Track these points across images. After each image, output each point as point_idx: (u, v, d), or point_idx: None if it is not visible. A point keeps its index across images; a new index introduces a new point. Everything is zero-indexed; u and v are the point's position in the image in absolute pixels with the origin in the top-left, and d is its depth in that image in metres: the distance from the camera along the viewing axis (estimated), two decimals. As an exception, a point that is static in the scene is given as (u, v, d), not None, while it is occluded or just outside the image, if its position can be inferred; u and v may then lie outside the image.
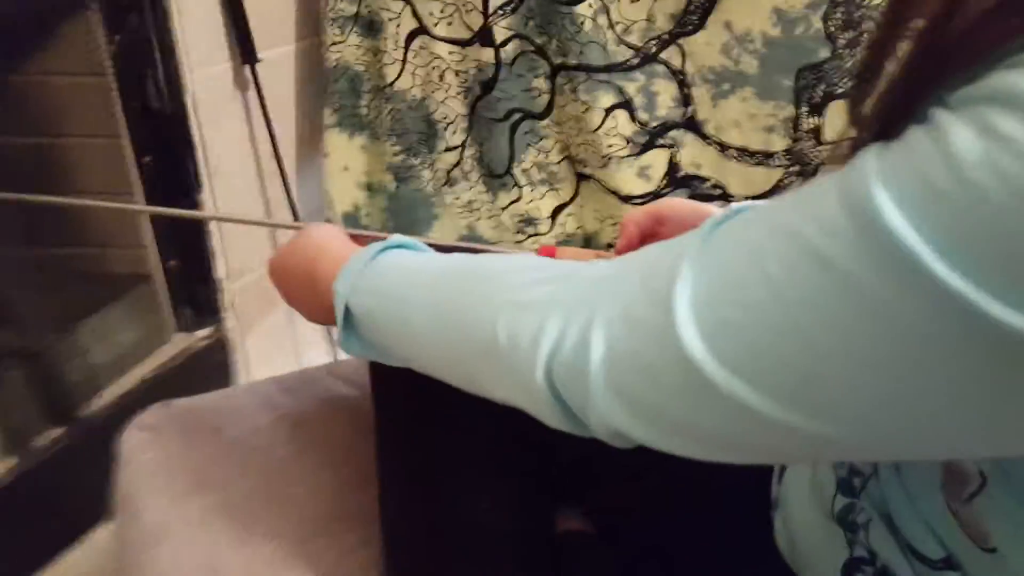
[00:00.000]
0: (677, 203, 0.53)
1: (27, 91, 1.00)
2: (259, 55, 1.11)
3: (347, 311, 0.41)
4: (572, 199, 1.15)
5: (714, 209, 0.51)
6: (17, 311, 0.96)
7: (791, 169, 0.96)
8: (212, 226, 1.15)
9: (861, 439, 0.25)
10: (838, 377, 0.24)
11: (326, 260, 0.45)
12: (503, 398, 0.34)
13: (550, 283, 0.33)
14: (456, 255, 0.40)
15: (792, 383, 0.25)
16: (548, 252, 0.52)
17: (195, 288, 1.20)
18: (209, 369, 1.22)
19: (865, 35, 0.89)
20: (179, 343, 1.20)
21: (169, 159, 1.09)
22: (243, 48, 1.09)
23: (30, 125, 1.01)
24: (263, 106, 1.14)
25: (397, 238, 0.44)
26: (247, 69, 1.12)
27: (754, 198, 1.01)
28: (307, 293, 0.48)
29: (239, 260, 1.20)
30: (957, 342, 0.22)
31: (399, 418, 0.48)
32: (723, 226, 0.30)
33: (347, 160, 1.25)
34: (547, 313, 0.32)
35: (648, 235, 0.51)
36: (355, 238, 0.51)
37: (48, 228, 1.06)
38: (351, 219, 1.28)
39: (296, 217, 1.23)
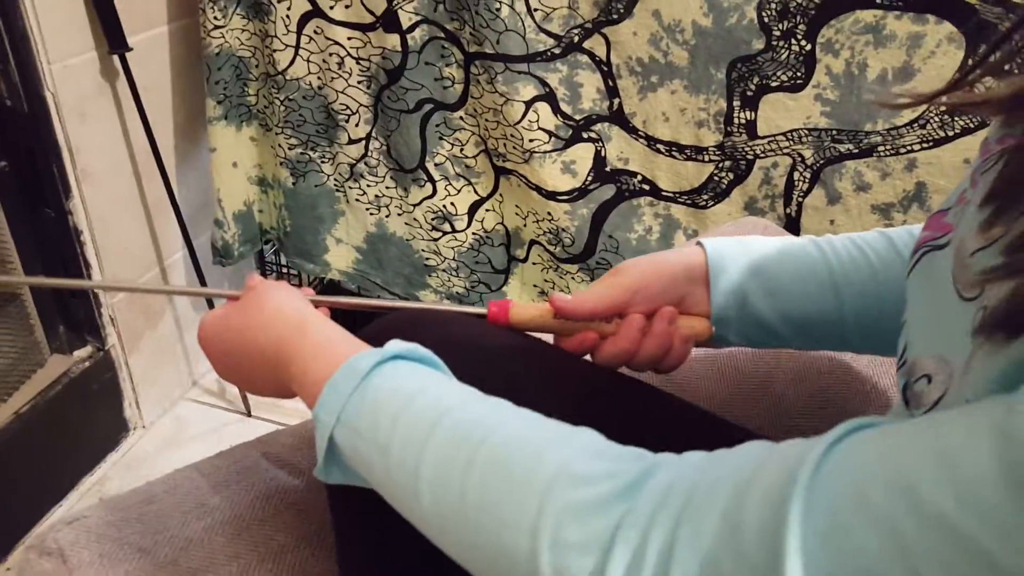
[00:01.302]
0: (646, 270, 0.47)
1: None
2: (128, 42, 0.97)
3: (331, 441, 0.34)
4: (491, 194, 1.10)
5: (675, 257, 0.47)
6: None
7: (723, 164, 0.95)
8: (85, 234, 1.02)
9: None
10: None
11: (296, 349, 0.38)
12: None
13: (606, 487, 0.27)
14: (463, 388, 0.35)
15: None
16: (503, 307, 0.47)
17: (70, 305, 1.07)
18: (93, 392, 1.09)
19: (800, 26, 0.87)
20: (57, 365, 1.07)
21: (28, 163, 0.95)
22: (109, 35, 0.96)
23: None
24: (136, 98, 1.01)
25: (394, 347, 0.37)
26: (115, 59, 0.98)
27: (684, 194, 0.99)
28: (263, 376, 0.41)
29: (117, 270, 1.08)
30: None
31: (361, 522, 0.41)
32: (835, 459, 0.24)
33: (236, 155, 1.14)
34: (611, 548, 0.25)
35: (624, 303, 0.46)
36: (316, 305, 0.44)
37: None
38: (243, 217, 1.18)
39: (180, 218, 1.11)
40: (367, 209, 1.15)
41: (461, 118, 1.05)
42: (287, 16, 1.02)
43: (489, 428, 0.31)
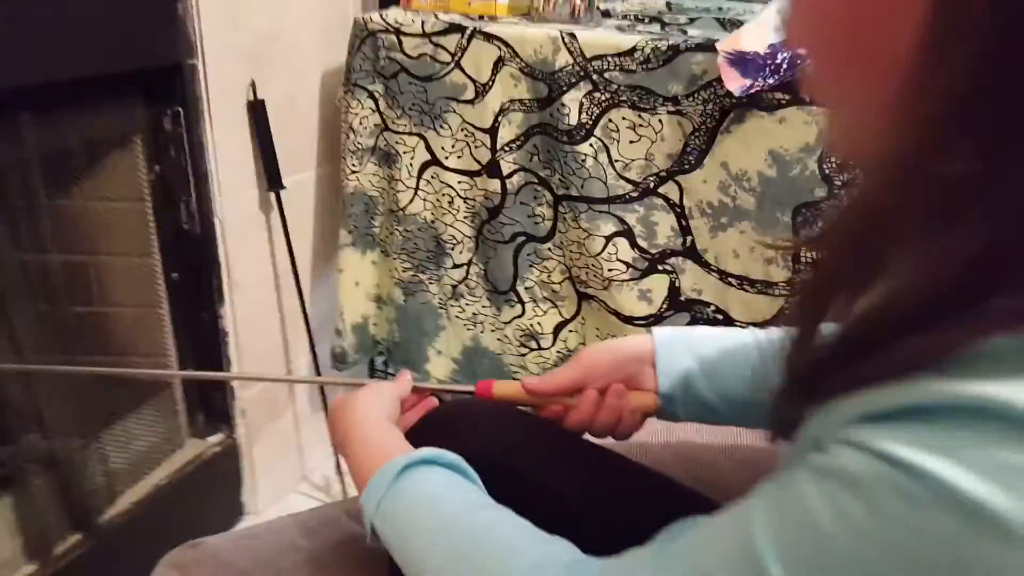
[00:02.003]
0: (598, 355, 0.57)
1: (73, 214, 1.08)
2: (283, 182, 1.20)
3: (373, 527, 0.46)
4: (574, 316, 1.23)
5: (630, 345, 0.57)
6: (44, 417, 1.01)
7: (793, 299, 1.04)
8: (231, 335, 1.21)
9: None
10: None
11: (359, 449, 0.50)
12: None
13: None
14: (468, 496, 0.45)
15: None
16: (487, 385, 0.58)
17: (210, 396, 1.25)
18: (219, 475, 1.26)
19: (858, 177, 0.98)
20: (192, 449, 1.24)
21: (195, 275, 1.16)
22: (269, 176, 1.19)
23: (72, 244, 1.09)
24: (285, 227, 1.23)
25: (424, 452, 0.47)
26: (272, 194, 1.21)
27: (758, 325, 1.09)
28: (358, 458, 0.52)
29: (252, 368, 1.26)
30: None
31: None
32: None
33: (359, 275, 1.33)
34: None
35: (583, 382, 0.56)
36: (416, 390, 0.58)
37: (77, 336, 1.12)
38: (360, 329, 1.35)
39: (308, 327, 1.30)
40: (465, 325, 1.31)
41: (549, 249, 1.21)
42: (410, 164, 1.23)
43: (483, 536, 0.42)
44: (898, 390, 0.24)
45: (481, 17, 1.20)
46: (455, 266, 1.27)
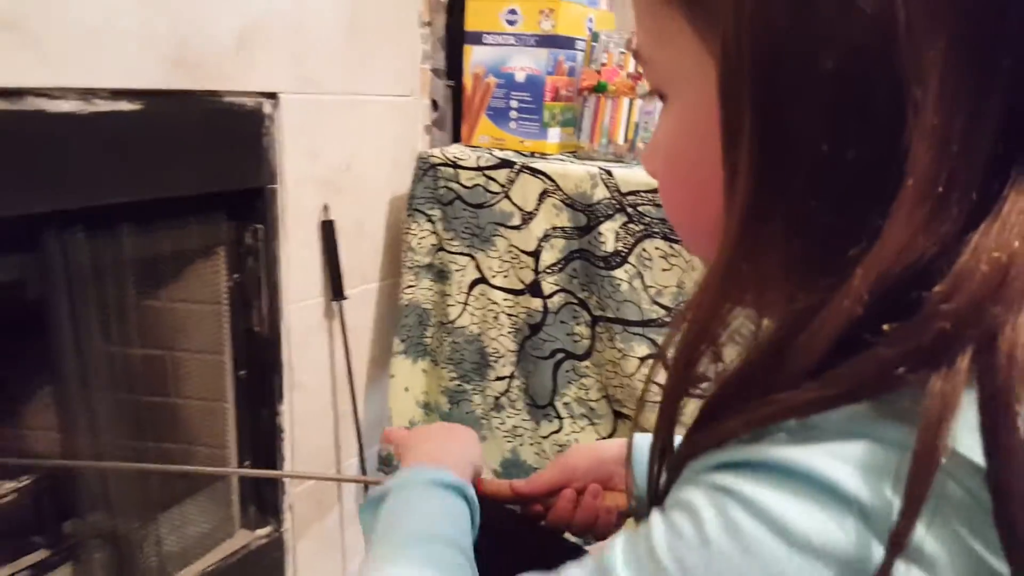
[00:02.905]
0: (578, 456, 0.62)
1: (159, 313, 1.22)
2: (346, 293, 1.32)
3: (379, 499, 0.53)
4: (610, 435, 1.27)
5: (611, 448, 0.62)
6: (111, 496, 1.10)
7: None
8: (286, 434, 1.31)
9: None
10: None
11: (411, 456, 0.58)
12: None
13: None
14: (445, 529, 0.50)
15: None
16: (478, 483, 0.62)
17: (263, 489, 1.33)
18: (264, 567, 1.32)
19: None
20: (241, 539, 1.31)
21: (260, 374, 1.28)
22: (334, 288, 1.31)
23: (154, 340, 1.22)
24: (344, 334, 1.34)
25: (441, 476, 0.53)
26: (334, 304, 1.33)
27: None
28: (417, 453, 0.59)
29: (304, 467, 1.35)
30: None
31: None
32: None
33: (409, 382, 1.42)
34: None
35: (564, 482, 0.61)
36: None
37: (149, 423, 1.23)
38: (408, 434, 1.43)
39: (359, 429, 1.38)
40: (505, 437, 1.36)
41: (587, 367, 1.27)
42: (461, 281, 1.34)
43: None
44: (726, 453, 0.31)
45: (532, 154, 1.33)
46: (498, 378, 1.34)
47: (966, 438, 0.27)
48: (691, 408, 0.36)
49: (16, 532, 1.08)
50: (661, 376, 0.37)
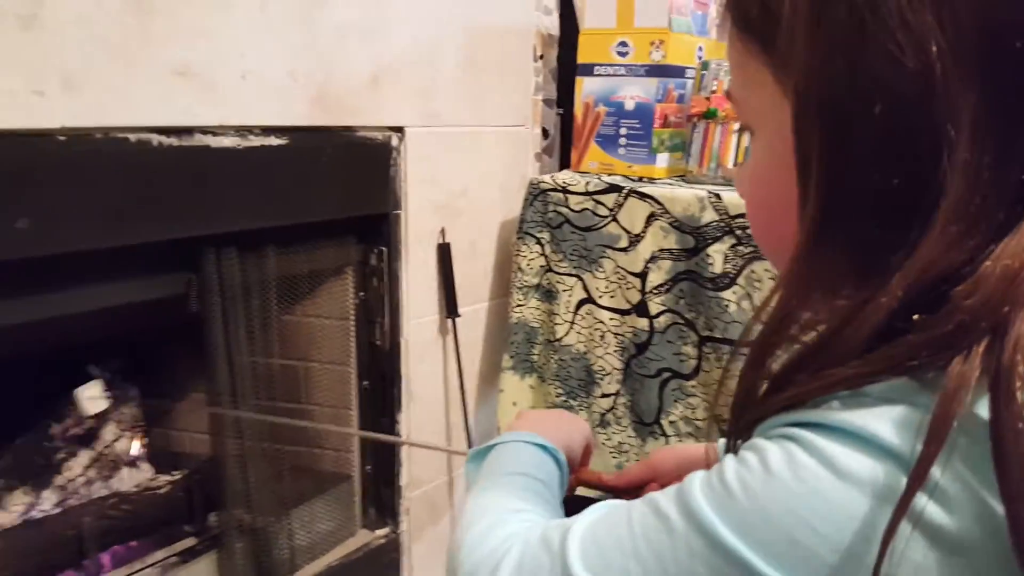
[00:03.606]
0: (664, 456, 0.68)
1: (295, 327, 1.34)
2: (459, 311, 1.41)
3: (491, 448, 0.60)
4: (709, 451, 1.30)
5: (696, 450, 0.67)
6: (249, 493, 1.22)
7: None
8: (403, 438, 1.40)
9: None
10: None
11: (540, 422, 0.65)
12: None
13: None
14: (534, 490, 0.55)
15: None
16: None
17: (382, 492, 1.43)
18: (382, 566, 1.41)
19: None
20: (361, 538, 1.41)
21: (381, 385, 1.37)
22: (448, 306, 1.40)
23: (291, 351, 1.34)
24: (457, 349, 1.42)
25: (540, 439, 0.60)
26: (449, 321, 1.42)
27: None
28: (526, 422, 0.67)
29: (419, 472, 1.43)
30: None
31: None
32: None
33: (516, 397, 1.49)
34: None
35: (649, 478, 0.67)
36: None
37: (284, 427, 1.35)
38: (516, 447, 1.49)
39: (470, 440, 1.46)
40: (611, 453, 1.41)
41: (693, 386, 1.30)
42: (568, 301, 1.40)
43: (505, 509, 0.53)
44: (791, 416, 0.38)
45: (641, 179, 1.38)
46: (603, 395, 1.39)
47: (981, 407, 0.34)
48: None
49: (169, 520, 1.20)
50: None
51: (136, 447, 1.30)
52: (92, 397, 1.21)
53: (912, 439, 0.34)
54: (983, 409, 0.34)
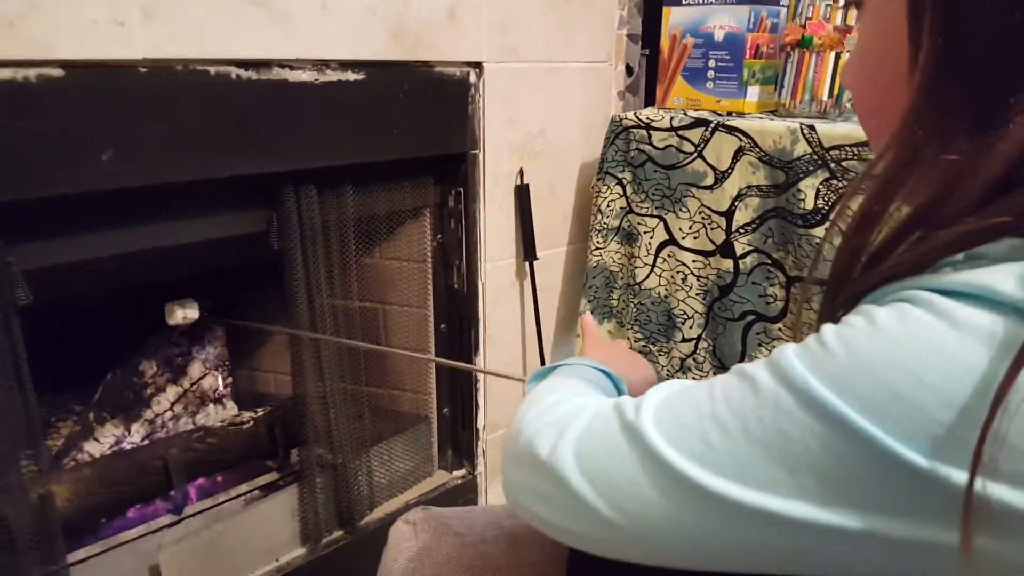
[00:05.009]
0: None
1: (373, 269, 1.34)
2: (538, 254, 1.38)
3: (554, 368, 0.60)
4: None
5: None
6: (330, 431, 1.23)
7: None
8: (480, 384, 1.39)
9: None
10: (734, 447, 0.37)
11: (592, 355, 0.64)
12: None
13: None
14: (592, 392, 0.55)
15: (700, 448, 0.38)
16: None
17: (459, 434, 1.43)
18: (458, 506, 1.42)
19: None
20: (439, 478, 1.42)
21: (458, 327, 1.37)
22: (526, 249, 1.37)
23: (369, 293, 1.34)
24: (534, 293, 1.40)
25: (607, 369, 0.59)
26: (527, 264, 1.39)
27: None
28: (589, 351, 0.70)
29: (496, 416, 1.43)
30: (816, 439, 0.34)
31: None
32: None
33: (596, 342, 1.46)
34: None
35: None
36: None
37: (362, 371, 1.36)
38: (593, 393, 1.47)
39: (548, 386, 1.45)
40: (691, 400, 1.37)
41: (779, 329, 1.24)
42: (649, 243, 1.35)
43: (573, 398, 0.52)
44: (901, 284, 0.36)
45: (729, 114, 1.31)
46: (684, 340, 1.35)
47: None
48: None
49: (253, 455, 1.23)
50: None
51: (221, 384, 1.33)
52: (184, 309, 1.24)
53: None
54: None
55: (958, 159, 0.36)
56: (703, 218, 1.28)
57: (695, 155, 1.27)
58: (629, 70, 1.55)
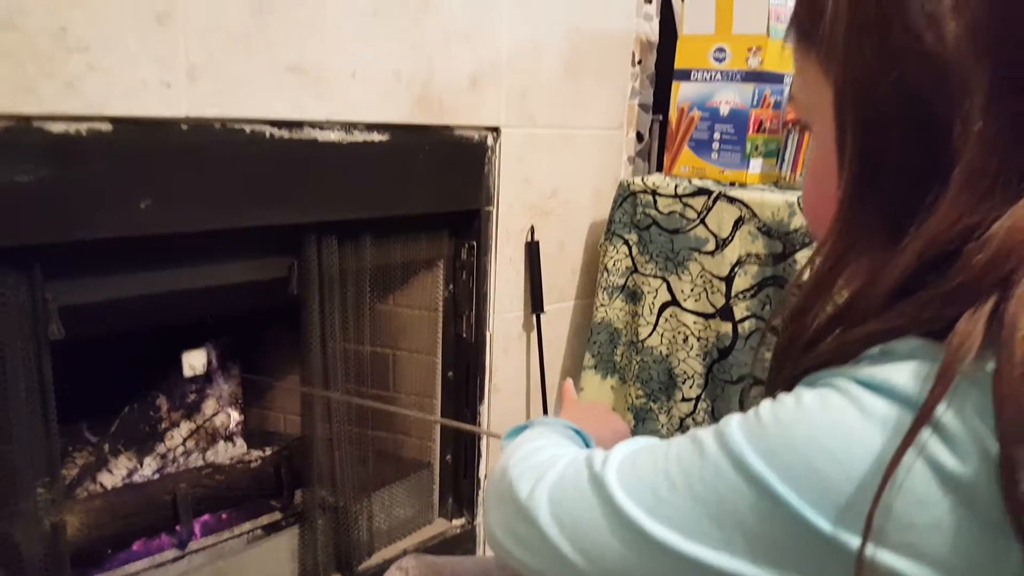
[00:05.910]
0: None
1: (386, 316, 1.39)
2: (545, 308, 1.43)
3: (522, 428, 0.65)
4: (791, 461, 1.27)
5: None
6: (334, 474, 1.27)
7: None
8: (484, 429, 1.42)
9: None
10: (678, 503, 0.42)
11: (574, 416, 0.70)
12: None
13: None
14: (565, 453, 0.58)
15: (653, 501, 0.43)
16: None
17: (460, 482, 1.46)
18: (456, 554, 1.44)
19: None
20: (438, 526, 1.45)
21: (465, 375, 1.41)
22: (534, 302, 1.42)
23: (381, 339, 1.39)
24: (540, 346, 1.44)
25: (579, 430, 0.64)
26: (534, 317, 1.44)
27: None
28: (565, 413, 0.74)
29: (497, 461, 1.46)
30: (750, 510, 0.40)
31: None
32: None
33: (598, 396, 1.49)
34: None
35: None
36: None
37: (369, 415, 1.40)
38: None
39: (549, 437, 1.48)
40: (688, 458, 1.40)
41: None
42: (652, 303, 1.40)
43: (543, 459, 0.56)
44: (826, 372, 0.42)
45: (732, 184, 1.37)
46: (684, 399, 1.39)
47: (990, 359, 0.37)
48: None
49: (258, 494, 1.27)
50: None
51: (233, 422, 1.38)
52: (194, 362, 1.29)
53: (923, 386, 0.38)
54: (992, 361, 0.37)
55: (869, 267, 0.42)
56: (704, 282, 1.33)
57: (698, 222, 1.33)
58: (639, 137, 1.62)
